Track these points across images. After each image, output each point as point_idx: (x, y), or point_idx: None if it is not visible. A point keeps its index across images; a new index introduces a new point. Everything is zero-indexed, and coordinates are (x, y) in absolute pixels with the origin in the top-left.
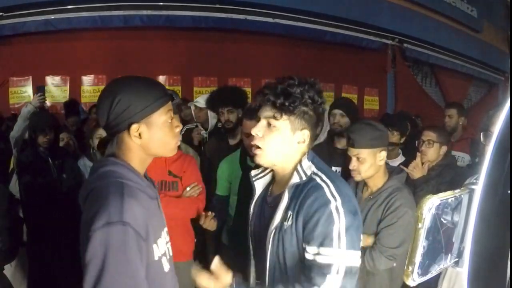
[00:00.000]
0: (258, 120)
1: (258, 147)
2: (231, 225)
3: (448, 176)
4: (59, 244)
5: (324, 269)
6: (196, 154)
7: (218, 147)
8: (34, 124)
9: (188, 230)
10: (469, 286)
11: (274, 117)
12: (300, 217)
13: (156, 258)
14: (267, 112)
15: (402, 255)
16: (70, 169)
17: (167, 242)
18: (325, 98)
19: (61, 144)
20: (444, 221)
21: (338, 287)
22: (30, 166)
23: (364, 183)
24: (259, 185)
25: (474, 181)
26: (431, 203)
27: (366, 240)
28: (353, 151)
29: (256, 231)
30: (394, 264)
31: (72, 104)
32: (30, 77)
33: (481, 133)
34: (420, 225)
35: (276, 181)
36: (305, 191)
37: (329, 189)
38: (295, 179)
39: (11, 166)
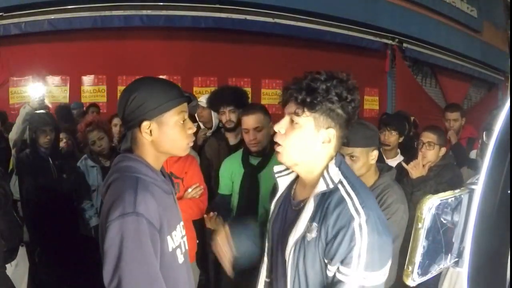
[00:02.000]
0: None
1: (278, 144)
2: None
3: (447, 176)
4: (59, 244)
5: (339, 285)
6: (196, 154)
7: (218, 147)
8: (35, 124)
9: (190, 232)
10: (469, 286)
11: (296, 113)
12: (323, 231)
13: (170, 249)
14: (290, 108)
15: (396, 250)
16: (70, 169)
17: (182, 236)
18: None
19: (60, 144)
20: (444, 221)
21: None
22: (30, 166)
23: None
24: (283, 183)
25: (475, 181)
26: (431, 203)
27: None
28: (347, 150)
29: (275, 232)
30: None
31: (63, 110)
32: (30, 77)
33: (484, 132)
34: (420, 225)
35: (300, 183)
36: (329, 202)
37: (353, 203)
38: (322, 187)
39: (11, 166)
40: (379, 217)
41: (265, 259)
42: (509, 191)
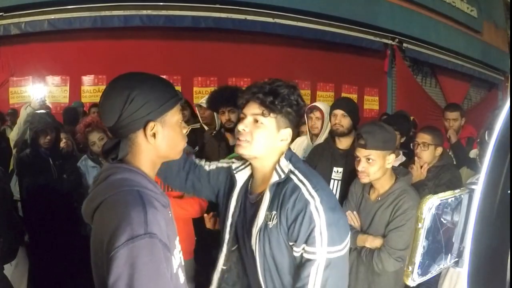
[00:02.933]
0: (243, 117)
1: (242, 141)
2: None
3: (445, 178)
4: (59, 244)
5: (308, 264)
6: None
7: (218, 147)
8: (36, 124)
9: (190, 230)
10: (469, 286)
11: (262, 114)
12: (283, 217)
13: (174, 270)
14: (255, 109)
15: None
16: (70, 169)
17: (180, 251)
18: (325, 98)
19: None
20: (444, 221)
21: (320, 279)
22: (30, 167)
23: (370, 185)
24: (240, 178)
25: (475, 181)
26: (431, 203)
27: (374, 242)
28: (363, 152)
29: (238, 226)
30: (401, 265)
31: (71, 113)
32: (30, 77)
33: (486, 132)
34: (420, 225)
35: (255, 178)
36: (284, 190)
37: (306, 188)
38: (275, 178)
39: (11, 166)
40: (331, 196)
41: (224, 249)
42: (509, 191)
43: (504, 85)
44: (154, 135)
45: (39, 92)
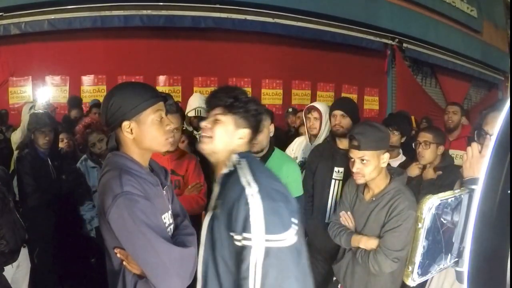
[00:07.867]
0: (207, 117)
1: (206, 137)
2: None
3: (449, 179)
4: (58, 244)
5: (246, 253)
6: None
7: None
8: (34, 125)
9: None
10: (469, 286)
11: (223, 113)
12: (225, 205)
13: (166, 225)
14: (217, 110)
15: (405, 257)
16: (69, 170)
17: (170, 224)
18: (325, 98)
19: (61, 145)
20: (444, 221)
21: (260, 270)
22: (29, 167)
23: (365, 185)
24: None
25: (468, 179)
26: (431, 203)
27: (369, 243)
28: (357, 154)
29: None
30: (398, 266)
31: (75, 100)
32: (30, 77)
33: (475, 132)
34: (420, 225)
35: (216, 177)
36: (228, 180)
37: (245, 177)
38: (224, 170)
39: (12, 167)
40: (274, 188)
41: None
42: (509, 191)
43: (504, 85)
44: (131, 131)
45: (42, 94)
